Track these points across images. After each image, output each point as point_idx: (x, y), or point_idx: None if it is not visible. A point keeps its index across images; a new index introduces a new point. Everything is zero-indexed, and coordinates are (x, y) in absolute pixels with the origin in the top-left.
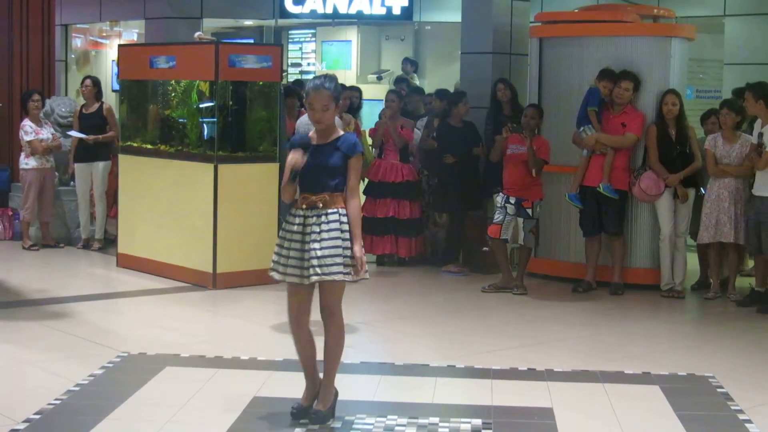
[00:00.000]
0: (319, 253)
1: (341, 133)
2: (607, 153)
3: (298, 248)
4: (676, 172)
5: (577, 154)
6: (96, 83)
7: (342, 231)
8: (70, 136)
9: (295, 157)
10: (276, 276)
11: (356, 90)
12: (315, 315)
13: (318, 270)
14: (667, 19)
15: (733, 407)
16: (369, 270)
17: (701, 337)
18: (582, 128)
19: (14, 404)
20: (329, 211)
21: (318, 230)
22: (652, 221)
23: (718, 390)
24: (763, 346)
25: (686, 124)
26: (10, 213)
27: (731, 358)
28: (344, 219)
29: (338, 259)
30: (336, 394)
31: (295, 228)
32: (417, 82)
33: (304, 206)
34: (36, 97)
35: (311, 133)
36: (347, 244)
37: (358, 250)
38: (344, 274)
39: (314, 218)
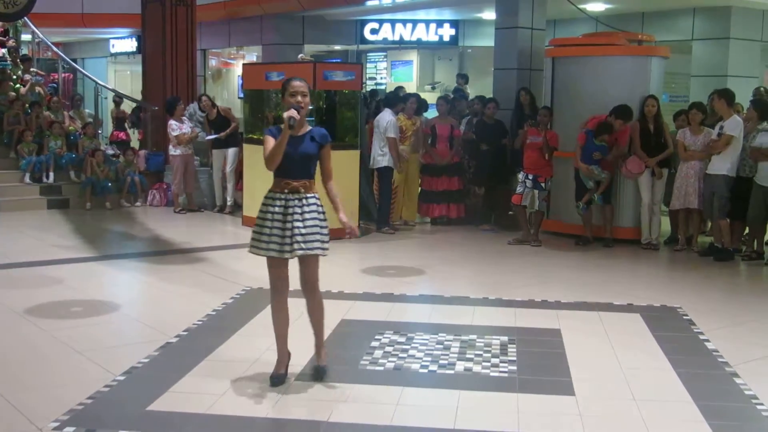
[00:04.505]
0: (303, 231)
1: (309, 127)
2: (604, 178)
3: (279, 227)
4: (654, 157)
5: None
6: (209, 98)
7: (318, 213)
8: (206, 133)
9: (290, 113)
10: (257, 253)
11: (416, 96)
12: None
13: (303, 245)
14: (648, 42)
15: (695, 330)
16: (425, 229)
17: (671, 278)
18: (593, 166)
19: (168, 325)
20: (309, 195)
21: (300, 211)
22: (635, 192)
23: (684, 317)
24: (718, 285)
25: (662, 120)
26: (165, 186)
27: (694, 294)
28: (320, 203)
29: (318, 236)
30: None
31: (277, 209)
32: (469, 91)
33: (286, 191)
34: (181, 104)
35: (293, 113)
36: (324, 224)
37: (344, 216)
38: (323, 249)
39: (296, 201)
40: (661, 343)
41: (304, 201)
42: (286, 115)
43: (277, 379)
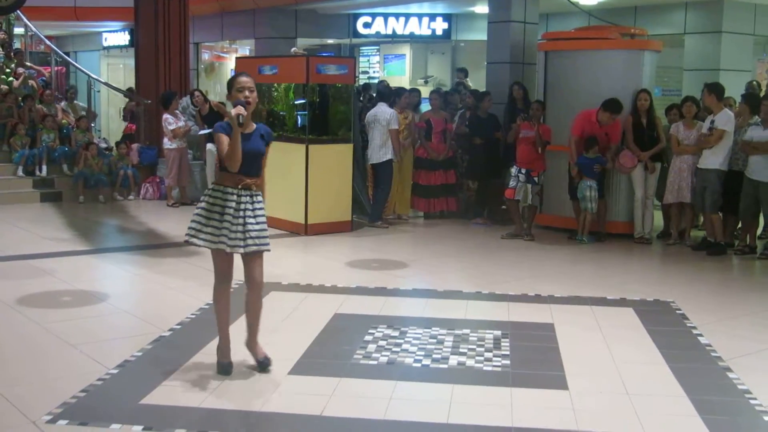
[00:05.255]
0: (256, 227)
1: (254, 125)
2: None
3: (230, 221)
4: (647, 151)
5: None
6: (201, 93)
7: (263, 210)
8: (199, 127)
9: (237, 111)
10: (202, 245)
11: (416, 92)
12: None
13: (257, 242)
14: (641, 36)
15: (688, 324)
16: (418, 223)
17: (664, 272)
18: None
19: (162, 318)
20: (257, 192)
21: (251, 208)
22: (628, 187)
23: (677, 311)
24: (710, 280)
25: (655, 114)
26: (158, 180)
27: (687, 289)
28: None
29: (266, 233)
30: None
31: (229, 204)
32: (470, 84)
33: (239, 187)
34: (177, 98)
35: (240, 110)
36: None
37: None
38: (268, 246)
39: (247, 197)
40: (654, 338)
41: (254, 198)
42: (234, 112)
43: (228, 366)
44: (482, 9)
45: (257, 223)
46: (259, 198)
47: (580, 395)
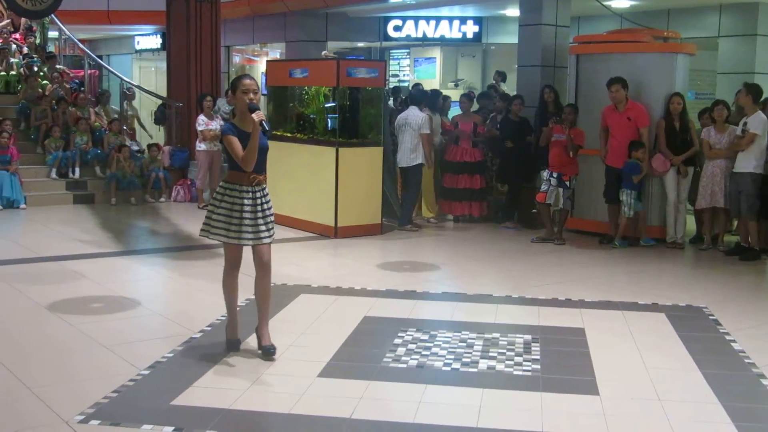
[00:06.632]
0: (269, 220)
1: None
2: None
3: (249, 217)
4: (679, 155)
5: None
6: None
7: (270, 201)
8: None
9: (258, 116)
10: (228, 241)
11: (447, 97)
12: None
13: (270, 234)
14: (674, 39)
15: (721, 330)
16: (448, 226)
17: (697, 277)
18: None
19: (192, 320)
20: (265, 186)
21: (262, 203)
22: (661, 191)
23: (710, 317)
24: (743, 285)
25: (688, 118)
26: (189, 182)
27: (720, 294)
28: None
29: (273, 224)
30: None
31: (247, 201)
32: (505, 89)
33: (254, 183)
34: (209, 98)
35: (261, 116)
36: None
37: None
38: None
39: (259, 193)
40: (686, 343)
41: (264, 192)
42: (256, 118)
43: (237, 343)
44: (513, 12)
45: (269, 215)
46: (267, 192)
47: (611, 401)
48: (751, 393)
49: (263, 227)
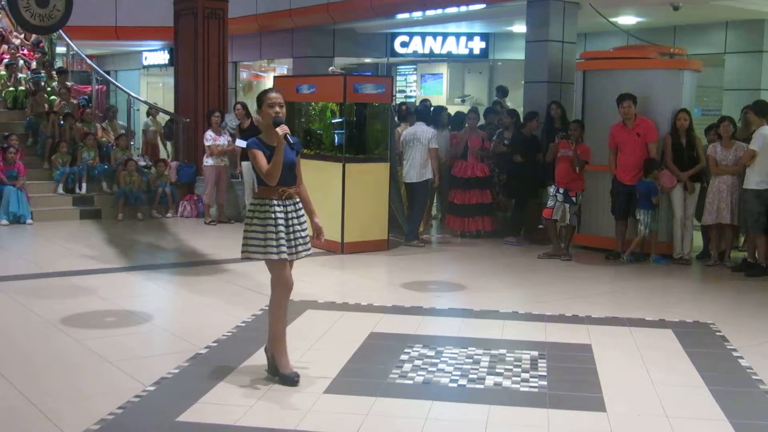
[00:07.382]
0: (304, 234)
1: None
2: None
3: (284, 231)
4: (686, 171)
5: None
6: (244, 106)
7: (305, 215)
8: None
9: (283, 130)
10: (269, 258)
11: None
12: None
13: (307, 247)
14: (680, 55)
15: (728, 347)
16: (454, 242)
17: (704, 294)
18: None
19: (198, 336)
20: (297, 200)
21: (296, 216)
22: (668, 207)
23: (717, 333)
24: (750, 302)
25: (694, 134)
26: (195, 198)
27: (727, 310)
28: None
29: (308, 237)
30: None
31: (279, 215)
32: (509, 104)
33: (284, 197)
34: (217, 114)
35: (286, 129)
36: None
37: (319, 221)
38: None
39: (291, 206)
40: (693, 360)
41: (297, 206)
42: (280, 132)
43: (294, 377)
44: (520, 28)
45: (303, 229)
46: (300, 205)
47: (618, 417)
48: (759, 410)
49: (300, 240)
